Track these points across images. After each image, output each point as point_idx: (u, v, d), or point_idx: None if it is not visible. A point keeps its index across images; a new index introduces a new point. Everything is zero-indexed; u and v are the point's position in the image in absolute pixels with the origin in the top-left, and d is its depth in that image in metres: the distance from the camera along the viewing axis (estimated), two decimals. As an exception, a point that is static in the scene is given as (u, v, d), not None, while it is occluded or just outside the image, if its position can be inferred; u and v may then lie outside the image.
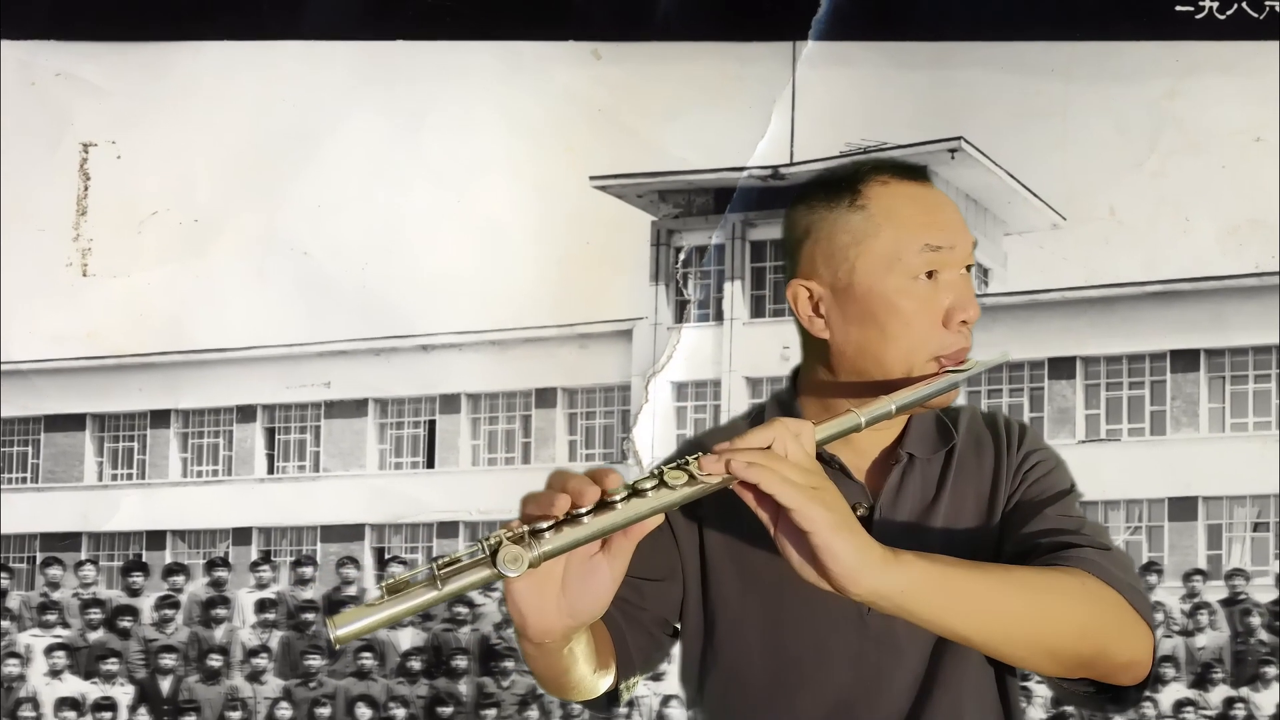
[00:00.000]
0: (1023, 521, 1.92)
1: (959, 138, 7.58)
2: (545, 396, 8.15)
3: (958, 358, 1.91)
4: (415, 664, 7.45)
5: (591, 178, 7.63)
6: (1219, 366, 7.87)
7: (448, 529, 8.05)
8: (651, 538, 1.76)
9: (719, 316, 7.95)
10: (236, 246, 7.52)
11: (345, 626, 1.44)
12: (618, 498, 1.57)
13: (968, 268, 2.01)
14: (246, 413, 8.34)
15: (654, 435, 7.65)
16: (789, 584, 1.80)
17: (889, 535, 1.69)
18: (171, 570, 7.81)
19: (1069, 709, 6.81)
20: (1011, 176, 7.68)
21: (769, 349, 7.98)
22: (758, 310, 8.04)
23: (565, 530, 1.53)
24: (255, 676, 7.53)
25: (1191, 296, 7.72)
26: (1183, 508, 7.69)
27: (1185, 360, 7.88)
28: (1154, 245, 7.44)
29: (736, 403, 7.97)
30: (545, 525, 1.54)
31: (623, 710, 7.25)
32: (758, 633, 1.98)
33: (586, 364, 7.94)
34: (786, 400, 2.04)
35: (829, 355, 1.97)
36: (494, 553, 1.49)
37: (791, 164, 7.59)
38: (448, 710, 7.38)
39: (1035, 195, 7.72)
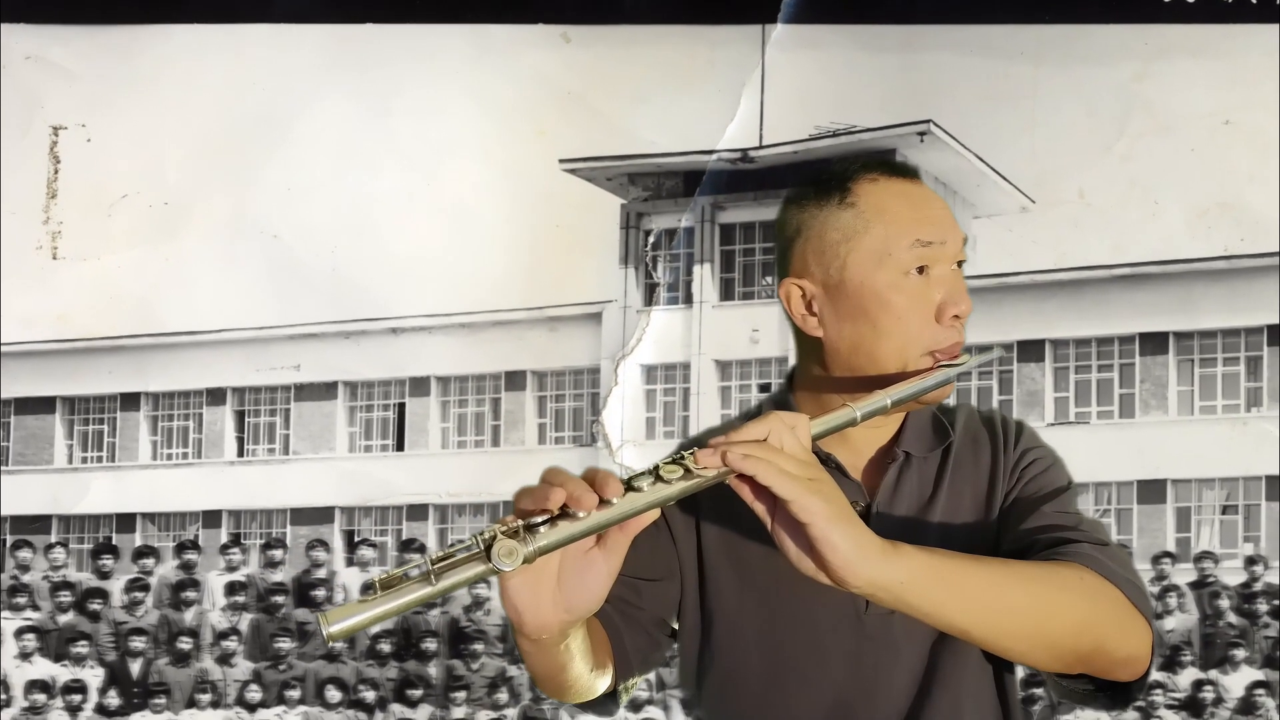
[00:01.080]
0: (1020, 518, 1.94)
1: (928, 121, 7.67)
2: (515, 379, 8.25)
3: (951, 352, 1.94)
4: (385, 646, 7.55)
5: (561, 161, 7.73)
6: (1188, 349, 7.96)
7: (417, 512, 8.16)
8: (649, 538, 1.83)
9: (688, 299, 8.05)
10: (206, 229, 7.61)
11: (339, 623, 1.47)
12: None
13: (960, 264, 2.06)
14: (216, 395, 8.44)
15: (623, 418, 7.76)
16: (786, 584, 1.92)
17: (885, 533, 1.65)
18: (141, 553, 7.91)
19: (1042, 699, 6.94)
20: (980, 159, 7.78)
21: (738, 332, 8.09)
22: (727, 293, 8.15)
23: (560, 525, 1.55)
24: (225, 659, 7.63)
25: (1160, 279, 7.82)
26: (1151, 490, 7.80)
27: (1154, 343, 7.98)
28: (1123, 228, 7.53)
29: (706, 385, 8.08)
30: (540, 520, 1.56)
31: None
32: (755, 632, 2.01)
33: (556, 347, 8.05)
34: (782, 399, 2.10)
35: (823, 353, 2.00)
36: (488, 548, 1.50)
37: (761, 147, 7.69)
38: (417, 693, 7.48)
39: (1004, 178, 7.82)
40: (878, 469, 2.02)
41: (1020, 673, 2.11)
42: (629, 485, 1.58)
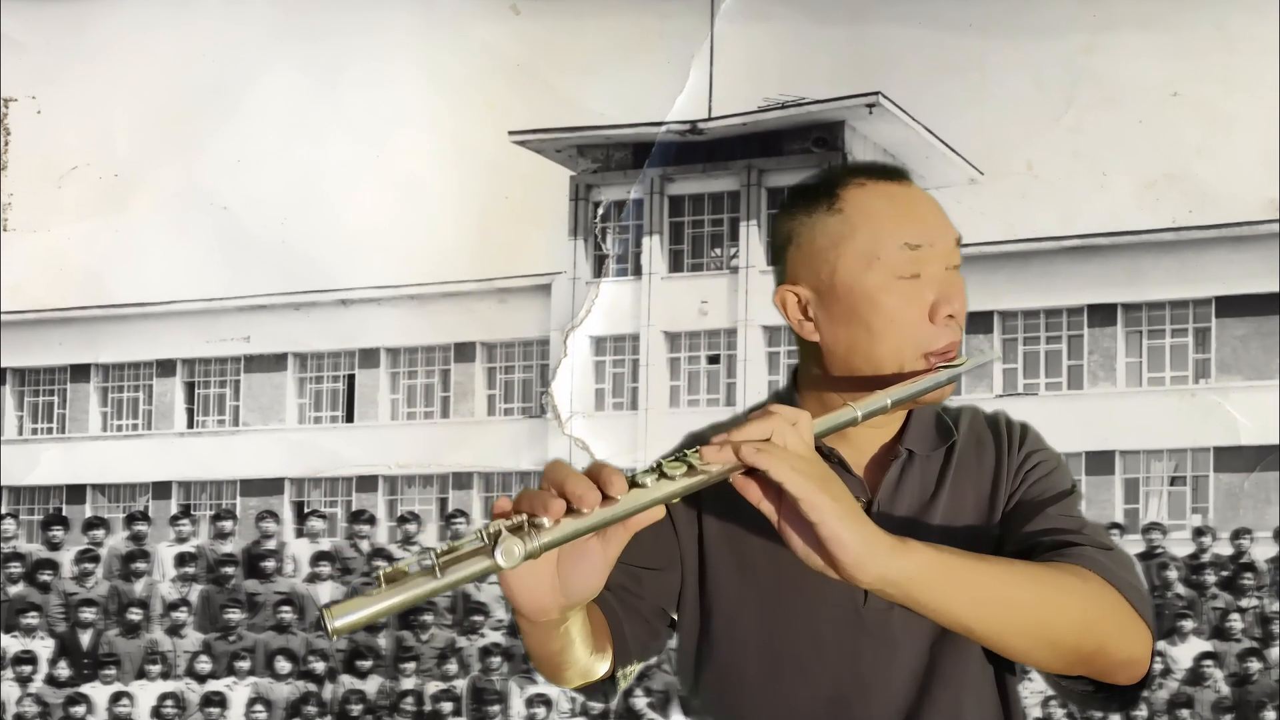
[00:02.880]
0: (1023, 521, 1.94)
1: (876, 93, 7.83)
2: (464, 351, 8.46)
3: (948, 353, 1.92)
4: None
5: (510, 133, 7.88)
6: (1136, 321, 8.17)
7: (367, 483, 8.33)
8: (651, 527, 1.77)
9: (637, 271, 8.26)
10: (156, 201, 7.75)
11: (343, 618, 1.45)
12: None
13: (955, 267, 2.08)
14: (166, 367, 8.64)
15: (573, 389, 7.92)
16: (786, 577, 1.93)
17: (887, 531, 1.66)
18: (91, 524, 8.05)
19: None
20: (929, 131, 7.94)
21: (687, 303, 8.27)
22: (676, 265, 8.33)
23: (565, 521, 1.53)
24: (175, 630, 7.76)
25: (1108, 251, 8.00)
26: (1100, 462, 7.96)
27: (1102, 315, 8.17)
28: (1071, 200, 7.68)
29: (655, 357, 8.25)
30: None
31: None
32: (754, 625, 2.01)
33: (505, 318, 8.21)
34: (787, 397, 2.10)
35: (822, 357, 1.95)
36: (494, 543, 1.48)
37: (710, 119, 7.85)
38: (367, 664, 7.62)
39: (952, 150, 7.98)
40: (880, 466, 2.02)
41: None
42: (633, 482, 1.59)
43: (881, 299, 1.89)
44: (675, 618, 2.05)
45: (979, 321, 8.08)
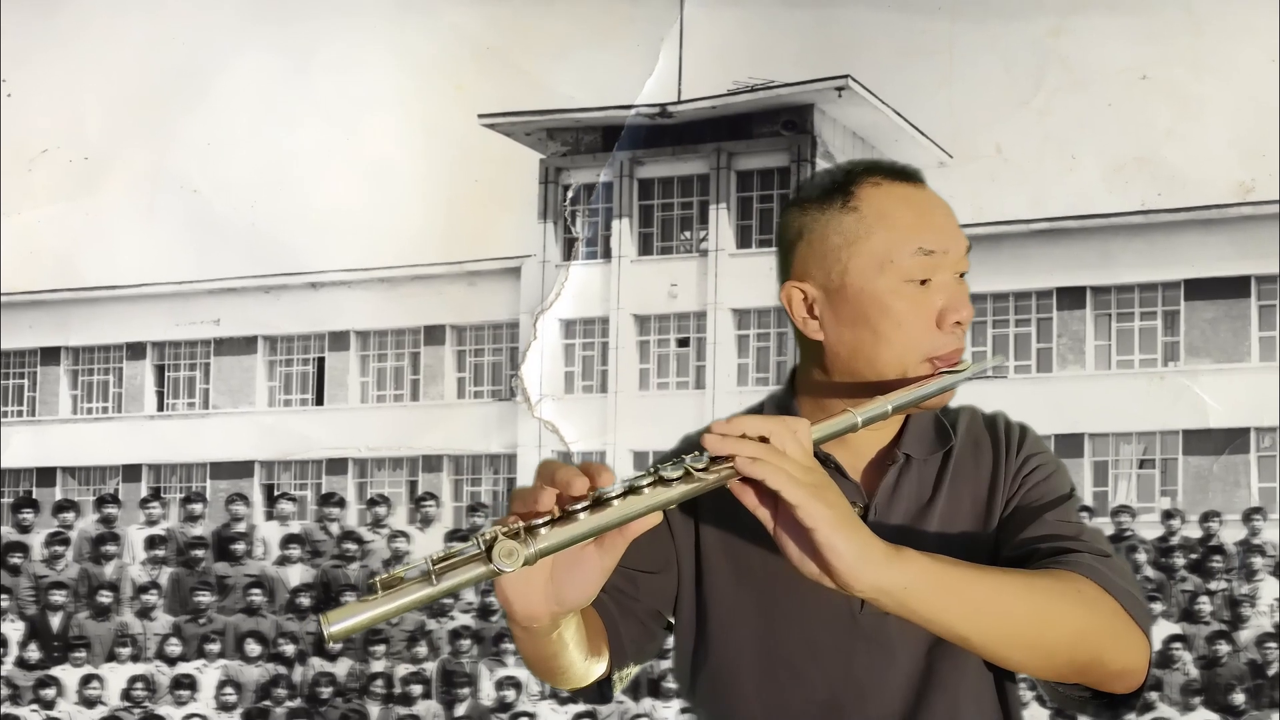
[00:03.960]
0: (1021, 526, 1.94)
1: (845, 76, 7.91)
2: (434, 334, 8.55)
3: (951, 359, 1.92)
4: (304, 600, 7.75)
5: (480, 116, 7.96)
6: (1105, 304, 8.25)
7: (337, 466, 8.42)
8: (648, 530, 1.77)
9: (607, 254, 8.35)
10: (126, 184, 7.82)
11: (339, 623, 1.46)
12: (614, 494, 1.59)
13: (962, 274, 2.06)
14: (136, 350, 8.74)
15: (542, 372, 8.00)
16: (782, 581, 1.93)
17: (883, 536, 1.66)
18: (61, 507, 8.14)
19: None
20: (898, 114, 8.01)
21: (657, 286, 8.36)
22: (645, 248, 8.43)
23: (561, 527, 1.54)
24: (145, 612, 7.83)
25: (1077, 234, 8.08)
26: (1069, 444, 8.02)
27: (1071, 297, 8.25)
28: (1040, 183, 7.74)
29: (624, 340, 8.33)
30: (541, 521, 1.55)
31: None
32: (750, 629, 2.01)
33: (475, 301, 8.30)
34: (784, 400, 2.02)
35: (824, 357, 1.95)
36: (489, 549, 1.49)
37: (679, 102, 7.93)
38: (337, 646, 7.67)
39: (921, 133, 8.05)
40: (877, 470, 2.01)
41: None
42: (630, 488, 1.59)
43: (891, 303, 1.89)
44: (671, 621, 2.06)
45: (948, 304, 8.13)
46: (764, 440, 1.61)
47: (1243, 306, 8.00)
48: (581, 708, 7.41)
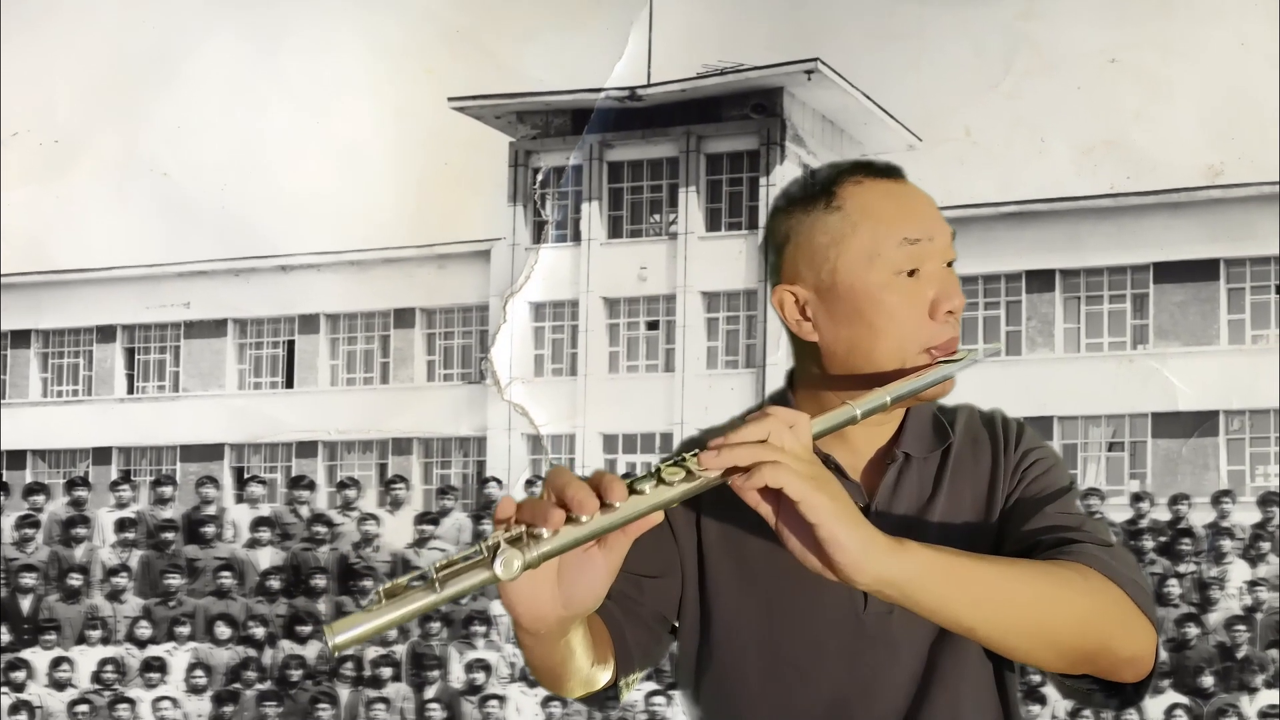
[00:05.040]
0: (1023, 520, 1.94)
1: (815, 59, 7.98)
2: (404, 317, 8.64)
3: (948, 348, 1.91)
4: (274, 583, 7.79)
5: (450, 99, 8.05)
6: (1074, 287, 8.34)
7: (306, 449, 8.51)
8: (651, 534, 1.77)
9: (576, 237, 8.44)
10: (97, 168, 7.88)
11: (343, 634, 1.46)
12: None
13: (950, 262, 2.09)
14: (106, 333, 8.83)
15: (512, 355, 8.09)
16: (786, 582, 1.95)
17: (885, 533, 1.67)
18: (31, 490, 8.19)
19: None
20: (867, 97, 8.09)
21: (627, 269, 8.44)
22: (615, 231, 8.51)
23: (564, 531, 1.53)
24: (115, 595, 7.88)
25: (1047, 217, 8.18)
26: (1038, 428, 7.92)
27: (1040, 280, 8.33)
28: (1009, 166, 7.81)
29: (594, 323, 8.40)
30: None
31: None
32: (754, 631, 2.01)
33: (445, 284, 8.39)
34: (782, 400, 2.04)
35: (820, 357, 1.96)
36: (493, 555, 1.49)
37: (649, 85, 8.00)
38: (306, 629, 7.72)
39: (891, 116, 8.14)
40: (877, 470, 2.01)
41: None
42: (631, 488, 1.58)
43: (882, 296, 1.91)
44: (676, 624, 2.07)
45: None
46: (762, 442, 1.63)
47: (1211, 289, 8.07)
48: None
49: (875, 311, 1.91)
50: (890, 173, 2.00)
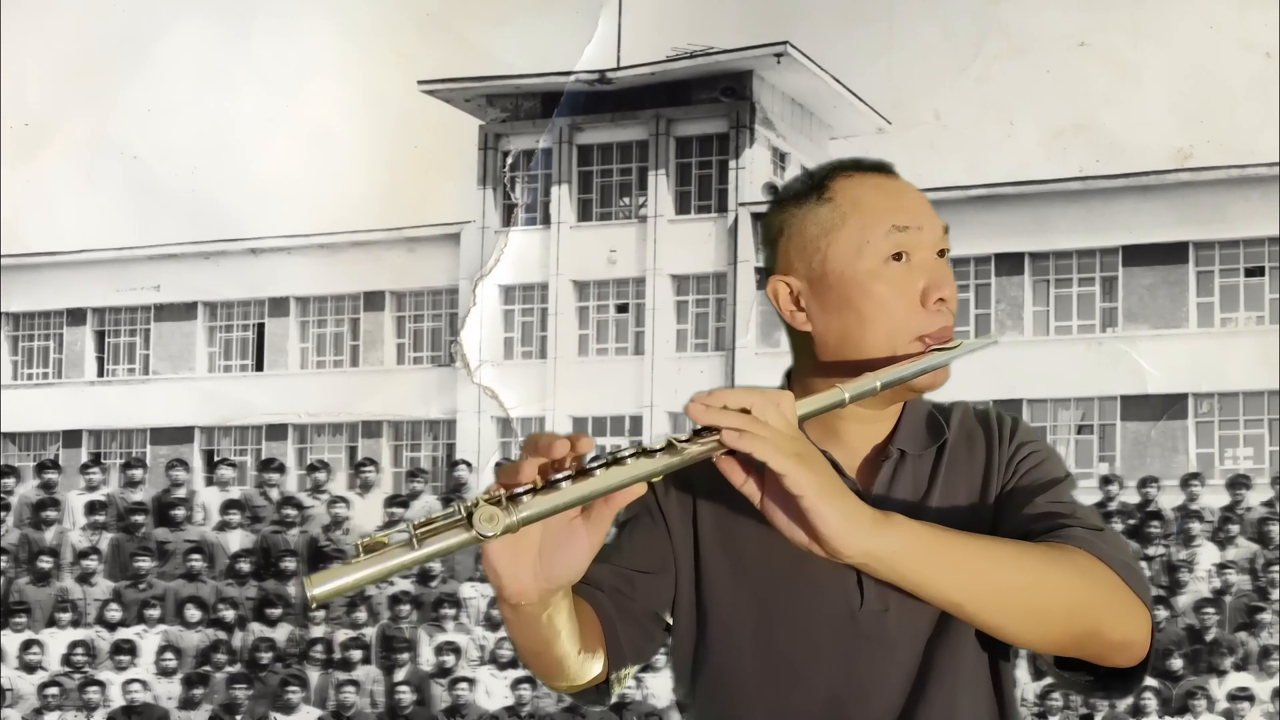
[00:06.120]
0: (1015, 510, 1.95)
1: (785, 42, 8.06)
2: (373, 300, 8.72)
3: (941, 337, 1.91)
4: (244, 566, 7.85)
5: (420, 82, 8.12)
6: (1043, 270, 8.42)
7: (276, 431, 8.59)
8: (645, 531, 1.91)
9: (546, 220, 8.54)
10: (67, 150, 7.94)
11: (322, 586, 1.46)
12: (596, 465, 1.60)
13: (942, 253, 2.13)
14: (76, 316, 8.92)
15: (481, 338, 8.17)
16: (782, 581, 1.97)
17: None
18: (1, 472, 8.23)
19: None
20: (837, 81, 8.17)
21: (596, 252, 8.53)
22: (585, 214, 8.60)
23: (544, 496, 1.55)
24: (85, 578, 7.94)
25: (1016, 200, 8.25)
26: (1007, 411, 8.05)
27: (1009, 264, 8.41)
28: (978, 149, 7.87)
29: (564, 306, 8.48)
30: (523, 490, 1.56)
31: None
32: (749, 629, 2.01)
33: (414, 267, 8.47)
34: None
35: (814, 347, 1.97)
36: (470, 515, 1.50)
37: (618, 68, 8.07)
38: (276, 611, 7.78)
39: (860, 100, 8.23)
40: (872, 467, 2.01)
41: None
42: (613, 459, 1.60)
43: (873, 285, 1.92)
44: (670, 621, 2.06)
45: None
46: (746, 412, 1.64)
47: (1180, 273, 8.16)
48: (521, 674, 7.52)
49: (865, 300, 1.93)
50: (881, 167, 2.02)
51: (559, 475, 1.58)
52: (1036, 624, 1.75)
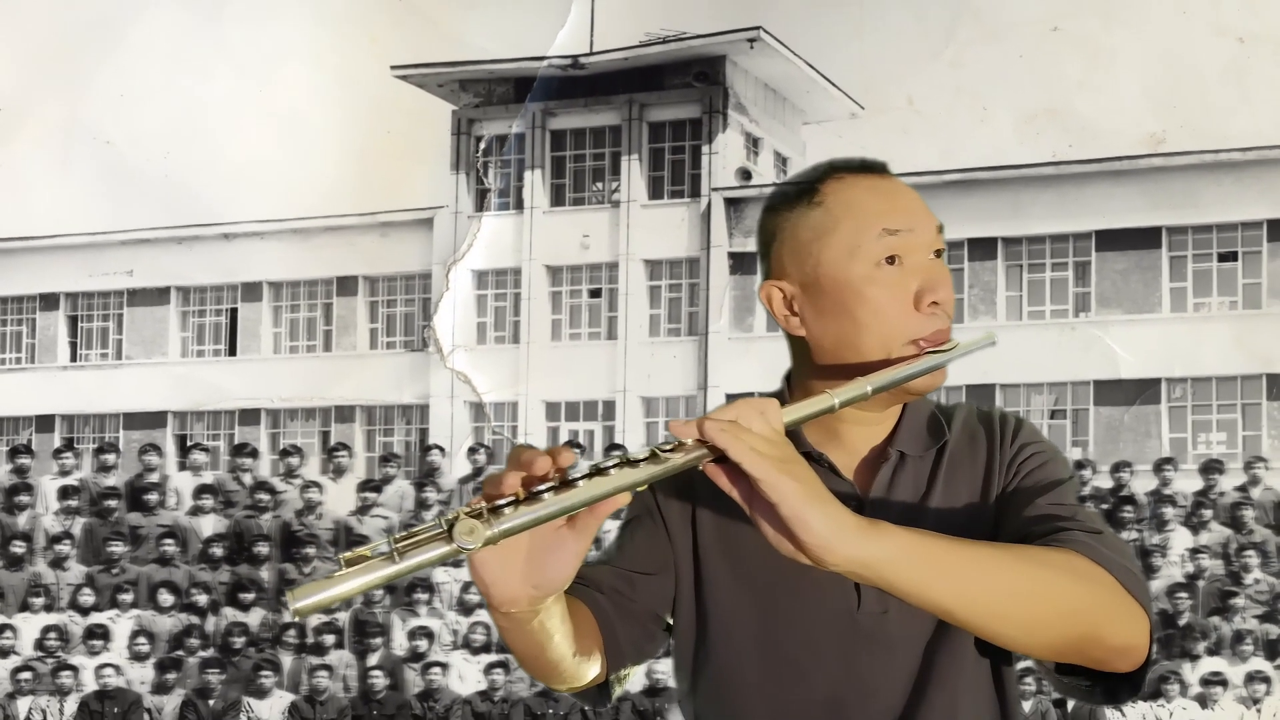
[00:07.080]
0: (1016, 511, 1.94)
1: (757, 27, 8.10)
2: (346, 284, 8.79)
3: (936, 340, 1.91)
4: (217, 550, 7.89)
5: (393, 67, 8.17)
6: (1016, 255, 8.49)
7: (249, 416, 8.64)
8: (645, 532, 1.92)
9: (519, 205, 8.60)
10: (39, 135, 7.97)
11: (303, 600, 1.48)
12: (580, 476, 1.60)
13: (938, 253, 2.00)
14: (49, 300, 8.96)
15: (455, 323, 8.23)
16: (782, 582, 1.96)
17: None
18: (-26, 457, 8.32)
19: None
20: (810, 66, 8.22)
21: (569, 237, 8.60)
22: (558, 199, 8.66)
23: (525, 507, 1.56)
24: (58, 563, 8.01)
25: (989, 185, 8.30)
26: (980, 396, 8.14)
27: (982, 248, 8.49)
28: (951, 134, 7.91)
29: (537, 290, 8.53)
30: (505, 501, 1.57)
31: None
32: (750, 631, 2.03)
33: (388, 252, 8.52)
34: (779, 400, 2.15)
35: (810, 352, 1.98)
36: (451, 528, 1.51)
37: (591, 54, 8.12)
38: (249, 596, 7.84)
39: (834, 85, 8.28)
40: (871, 469, 2.02)
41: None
42: (597, 469, 1.60)
43: (865, 289, 1.92)
44: (670, 622, 2.08)
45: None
46: (731, 421, 1.64)
47: (1154, 258, 8.21)
48: (494, 658, 7.58)
49: (858, 304, 1.93)
50: (874, 168, 2.02)
51: (541, 487, 1.59)
52: (1033, 630, 1.75)
